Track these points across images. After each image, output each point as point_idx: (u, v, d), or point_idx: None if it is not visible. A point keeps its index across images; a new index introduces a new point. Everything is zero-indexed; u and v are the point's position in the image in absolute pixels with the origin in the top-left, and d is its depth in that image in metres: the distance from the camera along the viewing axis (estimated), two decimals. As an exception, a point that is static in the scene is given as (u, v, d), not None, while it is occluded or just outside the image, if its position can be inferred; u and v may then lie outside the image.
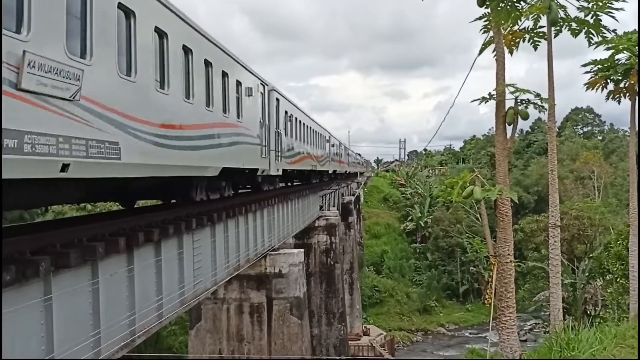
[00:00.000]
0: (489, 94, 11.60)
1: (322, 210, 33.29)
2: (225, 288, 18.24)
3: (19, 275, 6.08)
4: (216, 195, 13.82)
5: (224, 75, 12.68)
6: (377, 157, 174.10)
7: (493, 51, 12.11)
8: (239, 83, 13.91)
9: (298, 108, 23.32)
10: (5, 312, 5.99)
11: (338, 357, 31.05)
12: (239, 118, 13.76)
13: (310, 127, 26.86)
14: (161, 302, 9.86)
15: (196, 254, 11.76)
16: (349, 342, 37.77)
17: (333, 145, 39.94)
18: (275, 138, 17.72)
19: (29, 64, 5.49)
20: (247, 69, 14.88)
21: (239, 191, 17.15)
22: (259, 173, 16.19)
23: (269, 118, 17.05)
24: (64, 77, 6.11)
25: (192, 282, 11.49)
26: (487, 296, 11.03)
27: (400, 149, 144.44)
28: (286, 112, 19.94)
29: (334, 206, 38.68)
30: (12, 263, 6.08)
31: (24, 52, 5.44)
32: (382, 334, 49.77)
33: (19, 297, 6.29)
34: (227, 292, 18.54)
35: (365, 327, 49.72)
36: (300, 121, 23.34)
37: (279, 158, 18.19)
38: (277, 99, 18.33)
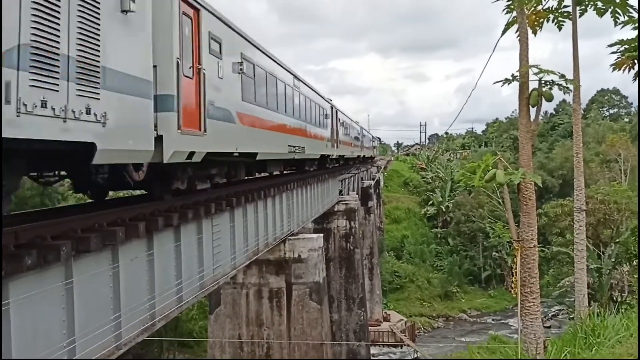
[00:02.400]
0: (512, 75, 11.36)
1: (342, 194, 33.26)
2: (245, 273, 18.30)
3: (40, 259, 6.10)
4: (311, 169, 24.17)
5: (324, 111, 25.93)
6: (397, 141, 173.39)
7: (516, 32, 11.85)
8: (326, 112, 26.63)
9: (344, 114, 35.78)
10: (27, 296, 6.03)
11: (358, 343, 31.11)
12: (325, 129, 26.11)
13: (351, 125, 39.04)
14: (181, 286, 9.89)
15: (215, 238, 11.78)
16: (369, 327, 37.80)
17: (364, 136, 51.57)
18: (335, 136, 29.42)
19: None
20: (328, 102, 28.22)
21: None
22: (329, 156, 28.08)
23: (333, 124, 28.91)
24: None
25: (211, 267, 11.53)
26: (512, 285, 10.88)
27: (420, 132, 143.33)
28: (339, 119, 31.45)
29: (353, 190, 38.65)
30: (33, 248, 6.11)
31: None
32: (402, 319, 49.75)
33: (41, 281, 6.33)
34: (246, 277, 18.60)
35: (385, 312, 49.73)
36: (345, 122, 35.39)
37: (336, 148, 29.61)
38: (336, 112, 30.42)
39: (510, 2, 12.31)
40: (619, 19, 13.18)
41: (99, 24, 6.29)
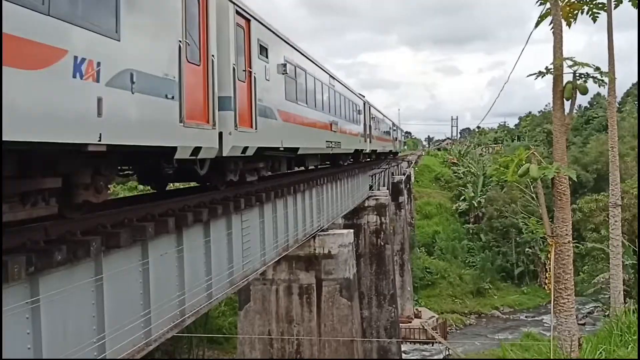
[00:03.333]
0: (546, 68, 11.06)
1: (372, 190, 33.07)
2: (274, 269, 18.30)
3: (70, 255, 6.12)
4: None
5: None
6: (428, 135, 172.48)
7: (550, 24, 11.56)
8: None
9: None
10: (57, 292, 6.07)
11: (389, 340, 30.95)
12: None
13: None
14: (210, 282, 9.90)
15: (245, 234, 11.77)
16: (400, 324, 37.59)
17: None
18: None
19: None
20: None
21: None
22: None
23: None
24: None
25: (241, 263, 11.53)
26: (546, 281, 10.65)
27: (452, 126, 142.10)
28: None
29: (384, 186, 38.41)
30: (63, 243, 6.13)
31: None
32: (434, 316, 49.37)
33: (71, 277, 6.36)
34: (276, 273, 18.59)
35: (416, 309, 49.39)
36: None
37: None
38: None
39: (544, -8, 12.02)
40: (656, 8, 12.79)
41: None
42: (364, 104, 30.69)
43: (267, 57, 12.74)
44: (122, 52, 6.51)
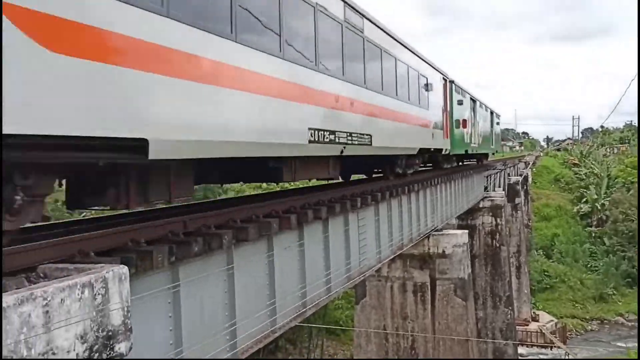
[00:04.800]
0: (677, 62, 10.54)
1: (487, 191, 32.44)
2: (389, 266, 18.57)
3: (205, 246, 6.72)
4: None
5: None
6: (547, 136, 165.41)
7: (681, 15, 10.97)
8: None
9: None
10: (194, 279, 6.68)
11: (505, 342, 30.25)
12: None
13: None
14: (329, 276, 10.33)
15: (361, 232, 12.12)
16: (517, 327, 36.57)
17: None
18: None
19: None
20: None
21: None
22: None
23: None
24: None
25: (357, 259, 11.89)
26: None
27: (573, 126, 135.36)
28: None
29: (499, 187, 37.55)
30: (199, 235, 6.75)
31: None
32: (552, 320, 47.48)
33: (206, 266, 6.97)
34: (390, 270, 18.88)
35: (534, 312, 47.76)
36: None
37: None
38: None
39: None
40: None
41: None
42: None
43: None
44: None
